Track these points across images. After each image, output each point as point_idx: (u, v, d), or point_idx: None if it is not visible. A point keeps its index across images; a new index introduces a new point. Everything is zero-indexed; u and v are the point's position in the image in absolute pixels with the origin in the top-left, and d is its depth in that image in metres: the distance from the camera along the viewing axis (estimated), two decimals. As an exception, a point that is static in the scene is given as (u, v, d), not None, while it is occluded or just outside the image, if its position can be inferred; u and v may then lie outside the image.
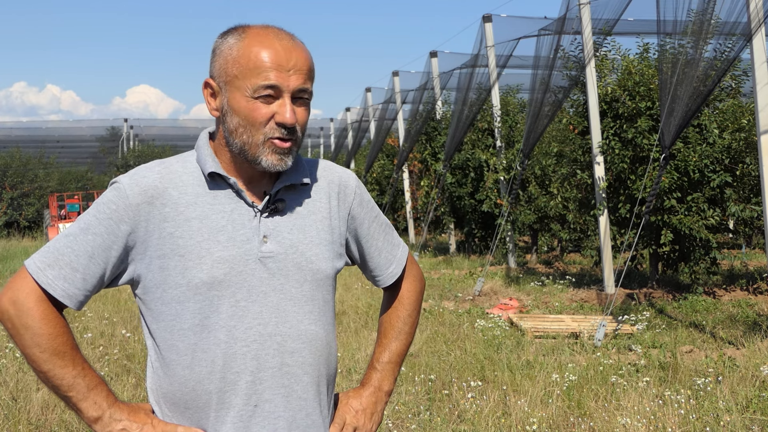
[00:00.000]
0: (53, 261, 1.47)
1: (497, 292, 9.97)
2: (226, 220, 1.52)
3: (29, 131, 33.41)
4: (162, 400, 1.55)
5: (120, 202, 1.49)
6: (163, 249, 1.49)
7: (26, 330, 1.45)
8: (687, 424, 4.30)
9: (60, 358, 1.46)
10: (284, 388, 1.55)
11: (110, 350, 6.34)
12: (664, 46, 8.21)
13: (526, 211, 13.24)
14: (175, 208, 1.51)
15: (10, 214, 25.30)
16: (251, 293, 1.52)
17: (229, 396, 1.52)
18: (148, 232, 1.49)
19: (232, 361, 1.51)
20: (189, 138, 33.70)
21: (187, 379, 1.52)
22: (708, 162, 9.22)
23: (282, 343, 1.54)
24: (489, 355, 6.10)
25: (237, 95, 1.49)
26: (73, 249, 1.48)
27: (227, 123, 1.52)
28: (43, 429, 4.54)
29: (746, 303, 8.76)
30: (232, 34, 1.53)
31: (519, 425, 4.38)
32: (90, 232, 1.48)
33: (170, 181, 1.52)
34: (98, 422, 1.48)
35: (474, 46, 13.06)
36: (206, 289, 1.49)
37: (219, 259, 1.50)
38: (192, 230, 1.50)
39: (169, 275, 1.49)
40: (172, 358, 1.52)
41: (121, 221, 1.49)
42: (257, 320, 1.53)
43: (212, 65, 1.54)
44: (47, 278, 1.46)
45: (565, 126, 11.48)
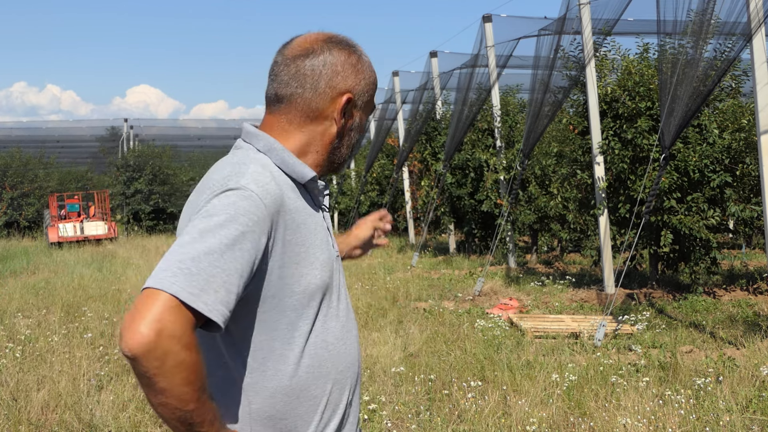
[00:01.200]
0: (205, 284, 1.29)
1: (497, 292, 9.97)
2: (314, 223, 1.54)
3: (29, 131, 33.36)
4: (253, 416, 1.47)
5: (259, 212, 1.38)
6: (283, 258, 1.45)
7: (183, 367, 1.26)
8: (687, 424, 4.30)
9: (205, 392, 1.32)
10: (360, 378, 1.67)
11: (110, 350, 6.34)
12: (663, 46, 8.21)
13: (526, 211, 13.24)
14: (290, 214, 1.47)
15: (10, 214, 25.29)
16: (340, 292, 1.60)
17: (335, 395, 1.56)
18: (275, 240, 1.43)
19: (337, 360, 1.56)
20: (189, 138, 33.67)
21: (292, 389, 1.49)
22: (708, 162, 9.22)
23: (356, 335, 1.64)
24: (489, 355, 6.10)
25: (364, 116, 1.60)
26: (223, 269, 1.31)
27: (349, 137, 1.58)
28: (43, 429, 4.54)
29: (746, 303, 8.76)
30: (361, 54, 1.58)
31: (519, 425, 4.38)
32: (237, 248, 1.33)
33: (281, 186, 1.47)
34: None
35: (474, 46, 13.06)
36: (319, 294, 1.51)
37: (323, 262, 1.52)
38: (302, 236, 1.49)
39: (286, 284, 1.46)
40: (279, 368, 1.47)
41: (263, 233, 1.39)
42: (345, 317, 1.60)
43: (349, 80, 1.53)
44: (207, 305, 1.28)
45: (565, 126, 11.48)
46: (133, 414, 4.66)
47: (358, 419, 1.67)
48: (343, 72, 1.52)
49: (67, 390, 5.04)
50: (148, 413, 4.74)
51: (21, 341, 6.70)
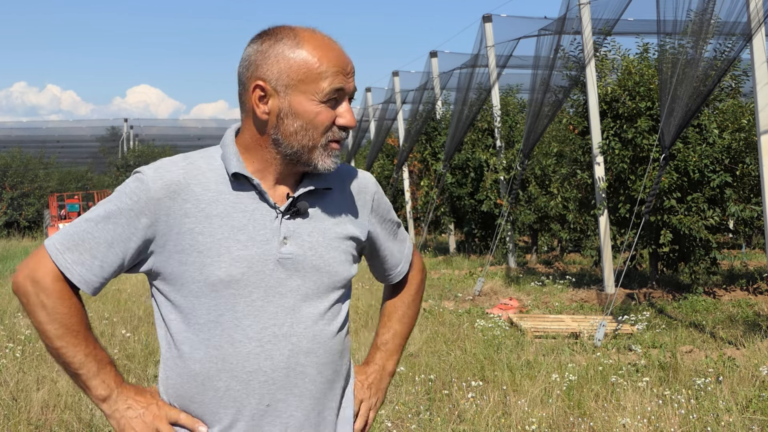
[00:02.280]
0: (73, 245, 1.49)
1: (497, 292, 9.97)
2: (248, 220, 1.52)
3: (29, 131, 33.40)
4: (170, 390, 1.56)
5: (142, 194, 1.49)
6: (183, 244, 1.50)
7: (42, 307, 1.48)
8: (687, 424, 4.30)
9: (73, 336, 1.49)
10: (297, 388, 1.56)
11: (110, 350, 6.35)
12: (664, 46, 8.21)
13: (526, 211, 13.24)
14: (197, 204, 1.51)
15: (10, 214, 25.31)
16: (267, 293, 1.53)
17: (240, 395, 1.52)
18: (169, 226, 1.50)
19: (245, 360, 1.52)
20: (189, 138, 33.70)
21: (197, 374, 1.52)
22: (708, 162, 9.22)
23: (296, 343, 1.55)
24: (489, 355, 6.10)
25: (301, 99, 1.49)
26: (93, 235, 1.49)
27: (285, 126, 1.50)
28: (43, 429, 4.54)
29: (746, 303, 8.76)
30: (283, 36, 1.51)
31: (519, 425, 4.38)
32: (111, 221, 1.49)
33: (193, 177, 1.52)
34: (106, 401, 1.51)
35: (474, 46, 13.06)
36: (223, 287, 1.50)
37: (238, 257, 1.50)
38: (212, 227, 1.50)
39: (187, 270, 1.50)
40: (185, 350, 1.53)
41: (142, 214, 1.49)
42: (272, 320, 1.53)
43: (261, 67, 1.50)
44: (66, 261, 1.49)
45: (565, 126, 11.48)
46: (133, 414, 4.66)
47: None
48: (256, 62, 1.51)
49: (66, 390, 5.04)
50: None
51: (21, 341, 6.71)
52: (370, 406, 1.77)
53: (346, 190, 1.66)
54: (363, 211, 1.68)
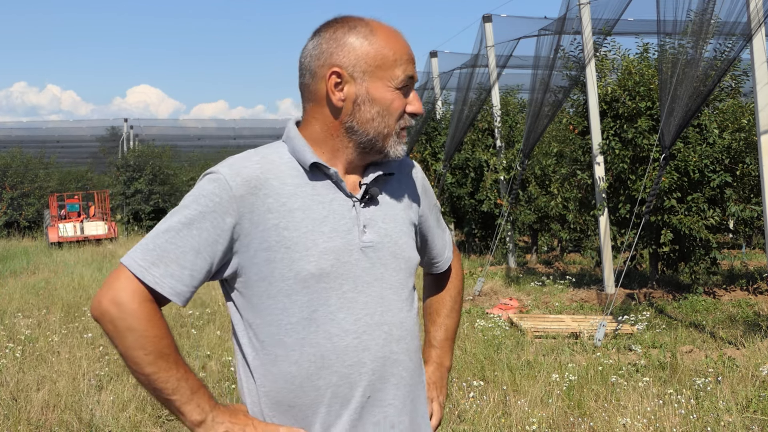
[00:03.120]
0: (157, 259, 1.42)
1: (497, 292, 9.97)
2: (327, 211, 1.51)
3: (29, 131, 33.36)
4: (263, 400, 1.51)
5: (223, 194, 1.44)
6: (269, 241, 1.46)
7: (131, 332, 1.40)
8: (687, 424, 4.30)
9: (165, 360, 1.42)
10: (394, 377, 1.55)
11: (110, 350, 6.34)
12: (663, 46, 8.21)
13: (526, 211, 13.24)
14: (278, 198, 1.48)
15: (10, 214, 25.29)
16: (357, 284, 1.52)
17: (343, 390, 1.50)
18: (253, 223, 1.46)
19: (344, 354, 1.49)
20: (189, 138, 33.66)
21: (294, 376, 1.48)
22: (708, 162, 9.21)
23: (389, 332, 1.54)
24: (489, 355, 6.10)
25: (378, 85, 1.50)
26: (177, 245, 1.43)
27: (362, 113, 1.50)
28: (43, 429, 4.54)
29: (746, 303, 8.76)
30: (357, 25, 1.52)
31: (519, 425, 4.38)
32: (194, 227, 1.43)
33: (270, 171, 1.49)
34: (201, 426, 1.45)
35: (474, 46, 13.06)
36: (314, 282, 1.47)
37: (325, 250, 1.48)
38: (296, 221, 1.47)
39: (276, 268, 1.46)
40: (279, 353, 1.48)
41: (226, 214, 1.44)
42: (365, 311, 1.52)
43: (336, 55, 1.50)
44: (154, 277, 1.42)
45: (565, 126, 11.48)
46: (133, 414, 4.66)
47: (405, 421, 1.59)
48: (329, 50, 1.51)
49: (67, 390, 5.04)
50: (147, 413, 4.74)
51: (21, 341, 6.71)
52: (440, 403, 1.79)
53: (403, 175, 1.67)
54: (416, 196, 1.69)
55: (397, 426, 1.56)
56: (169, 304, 1.49)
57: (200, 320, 7.95)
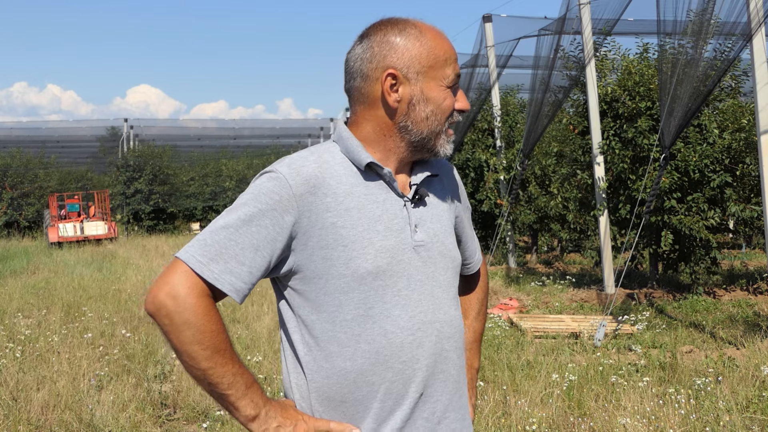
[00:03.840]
0: (216, 255, 1.43)
1: (497, 292, 9.97)
2: (381, 210, 1.54)
3: (29, 131, 33.34)
4: (313, 395, 1.53)
5: (283, 192, 1.47)
6: (327, 239, 1.49)
7: (188, 326, 1.41)
8: (687, 424, 4.30)
9: (221, 355, 1.43)
10: (443, 373, 1.58)
11: (110, 350, 6.34)
12: (664, 46, 8.21)
13: (526, 211, 13.25)
14: (335, 197, 1.50)
15: (10, 214, 25.30)
16: (410, 282, 1.54)
17: (397, 386, 1.52)
18: (311, 222, 1.48)
19: (400, 350, 1.51)
20: (189, 138, 33.64)
21: (348, 371, 1.50)
22: (708, 162, 9.22)
23: (440, 329, 1.57)
24: (489, 355, 6.10)
25: (432, 84, 1.54)
26: (236, 242, 1.44)
27: (417, 112, 1.54)
28: (43, 429, 4.54)
29: (746, 303, 8.76)
30: (407, 26, 1.55)
31: (519, 425, 4.38)
32: (254, 224, 1.45)
33: (327, 171, 1.52)
34: (255, 420, 1.47)
35: (474, 46, 13.06)
36: (371, 279, 1.50)
37: (381, 248, 1.51)
38: (353, 220, 1.50)
39: (333, 266, 1.49)
40: (333, 350, 1.51)
41: (286, 212, 1.47)
42: (418, 308, 1.55)
43: (390, 57, 1.53)
44: (213, 273, 1.42)
45: (565, 126, 11.48)
46: (133, 414, 4.66)
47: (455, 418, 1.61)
48: (382, 52, 1.54)
49: (67, 390, 5.04)
50: (148, 413, 4.74)
51: (21, 341, 6.71)
52: (473, 405, 1.83)
53: (445, 176, 1.70)
54: (456, 197, 1.73)
55: (443, 421, 1.59)
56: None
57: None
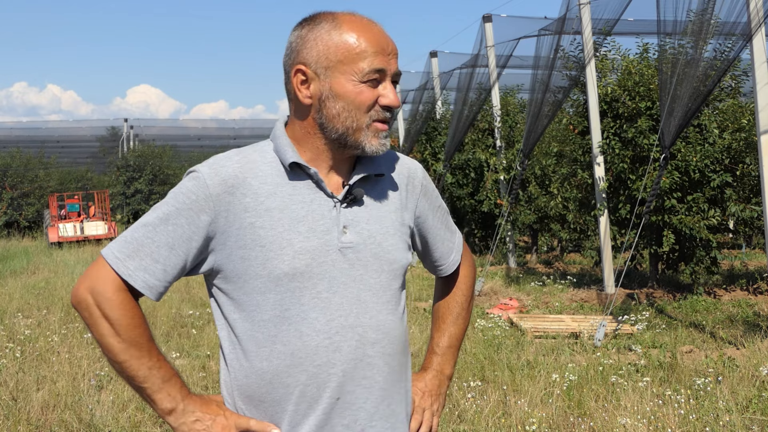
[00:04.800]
0: (133, 251, 1.46)
1: (497, 292, 9.97)
2: (306, 211, 1.51)
3: (29, 131, 33.37)
4: (236, 392, 1.53)
5: (200, 192, 1.47)
6: (244, 239, 1.48)
7: (104, 320, 1.44)
8: (687, 424, 4.30)
9: (137, 349, 1.45)
10: (365, 379, 1.54)
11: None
12: (664, 46, 8.21)
13: (526, 211, 13.24)
14: (255, 198, 1.49)
15: (10, 214, 25.29)
16: (332, 284, 1.51)
17: (311, 389, 1.50)
18: (229, 222, 1.48)
19: (315, 353, 1.49)
20: (189, 138, 33.69)
21: (264, 371, 1.50)
22: (708, 162, 9.22)
23: (363, 334, 1.53)
24: (489, 355, 6.10)
25: (342, 80, 1.48)
26: (153, 240, 1.46)
27: (327, 109, 1.50)
28: (43, 429, 4.54)
29: (746, 303, 8.76)
30: (322, 20, 1.51)
31: (519, 425, 4.38)
32: (170, 223, 1.47)
33: (249, 171, 1.51)
34: (172, 414, 1.48)
35: (474, 46, 13.06)
36: (288, 281, 1.48)
37: (300, 249, 1.48)
38: (273, 221, 1.48)
39: (250, 266, 1.48)
40: (251, 349, 1.50)
41: (202, 211, 1.47)
42: (339, 312, 1.51)
43: (301, 52, 1.50)
44: (128, 269, 1.45)
45: (565, 126, 11.48)
46: (133, 414, 4.66)
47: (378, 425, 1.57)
48: (297, 48, 1.52)
49: (66, 390, 5.04)
50: (148, 413, 4.74)
51: (21, 341, 6.71)
52: (433, 412, 1.75)
53: (397, 176, 1.64)
54: (413, 198, 1.66)
55: (367, 430, 1.55)
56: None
57: (200, 320, 7.95)
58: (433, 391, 1.76)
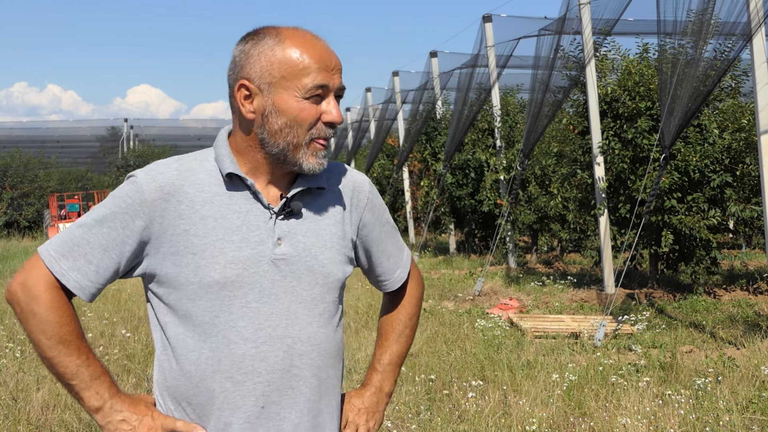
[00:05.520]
0: (67, 251, 1.48)
1: (497, 292, 9.97)
2: (242, 221, 1.52)
3: (29, 131, 33.40)
4: (165, 393, 1.56)
5: (136, 197, 1.48)
6: (177, 246, 1.49)
7: (33, 316, 1.46)
8: (687, 424, 4.30)
9: (65, 346, 1.47)
10: (292, 390, 1.55)
11: (110, 350, 6.34)
12: (664, 46, 8.21)
13: (526, 211, 13.24)
14: (191, 206, 1.50)
15: (10, 214, 25.30)
16: (263, 295, 1.52)
17: (235, 396, 1.51)
18: (163, 228, 1.49)
19: (241, 361, 1.51)
20: (189, 138, 33.69)
21: (192, 375, 1.51)
22: (708, 162, 9.22)
23: (291, 345, 1.54)
24: (489, 355, 6.10)
25: (285, 96, 1.48)
26: (88, 241, 1.48)
27: (270, 124, 1.50)
28: (43, 429, 4.54)
29: (746, 303, 8.76)
30: (266, 36, 1.51)
31: (519, 425, 4.38)
32: (105, 225, 1.48)
33: (186, 179, 1.52)
34: (99, 412, 1.50)
35: (474, 46, 13.06)
36: (218, 289, 1.49)
37: (232, 259, 1.50)
38: (207, 229, 1.50)
39: (182, 272, 1.49)
40: (181, 352, 1.52)
41: (136, 216, 1.48)
42: (267, 322, 1.52)
43: (245, 68, 1.50)
44: (61, 268, 1.47)
45: (565, 126, 11.48)
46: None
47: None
48: (240, 62, 1.52)
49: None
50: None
51: (21, 341, 6.71)
52: (368, 429, 1.75)
53: (341, 190, 1.64)
54: (357, 211, 1.66)
55: None
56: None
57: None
58: (371, 408, 1.76)
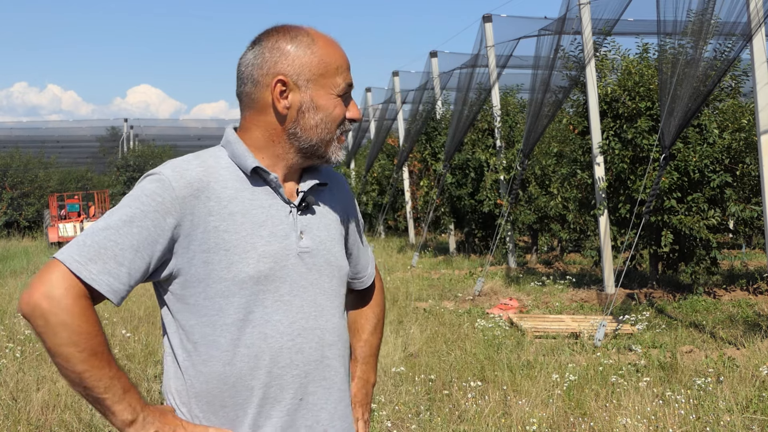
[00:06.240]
0: (95, 255, 1.41)
1: (497, 292, 9.97)
2: (266, 215, 1.54)
3: (29, 131, 33.39)
4: (193, 400, 1.52)
5: (166, 194, 1.46)
6: (208, 243, 1.49)
7: (64, 327, 1.37)
8: (687, 424, 4.30)
9: (98, 358, 1.41)
10: (326, 380, 1.59)
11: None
12: (664, 46, 8.21)
13: (526, 211, 13.24)
14: (219, 202, 1.51)
15: (10, 214, 25.30)
16: (293, 288, 1.55)
17: (275, 391, 1.52)
18: (194, 225, 1.48)
19: (279, 355, 1.52)
20: (189, 138, 33.67)
21: (227, 376, 1.50)
22: (708, 162, 9.22)
23: (322, 336, 1.58)
24: (489, 355, 6.10)
25: (322, 93, 1.55)
26: (116, 242, 1.42)
27: (306, 120, 1.55)
28: (43, 429, 4.54)
29: (746, 303, 8.76)
30: (298, 34, 1.56)
31: (519, 425, 4.38)
32: (135, 225, 1.44)
33: (211, 175, 1.53)
34: (132, 425, 1.44)
35: (474, 46, 13.06)
36: (252, 284, 1.50)
37: (264, 253, 1.51)
38: (236, 224, 1.51)
39: (214, 270, 1.49)
40: (212, 354, 1.50)
41: (168, 214, 1.46)
42: (300, 314, 1.55)
43: (280, 63, 1.54)
44: (90, 273, 1.40)
45: (565, 126, 11.48)
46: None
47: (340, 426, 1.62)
48: (272, 58, 1.54)
49: (66, 390, 5.04)
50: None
51: (21, 341, 6.71)
52: (366, 422, 1.79)
53: (335, 187, 1.72)
54: (347, 209, 1.75)
55: (329, 430, 1.60)
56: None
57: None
58: (363, 401, 1.81)
